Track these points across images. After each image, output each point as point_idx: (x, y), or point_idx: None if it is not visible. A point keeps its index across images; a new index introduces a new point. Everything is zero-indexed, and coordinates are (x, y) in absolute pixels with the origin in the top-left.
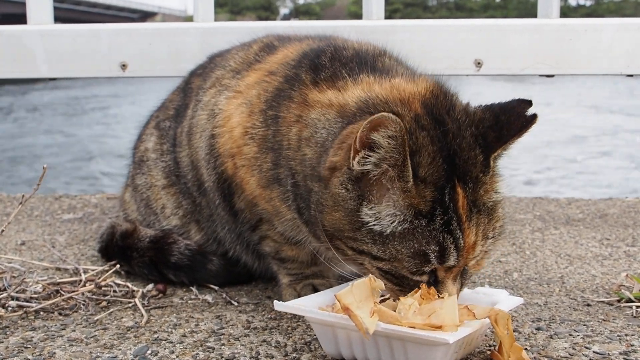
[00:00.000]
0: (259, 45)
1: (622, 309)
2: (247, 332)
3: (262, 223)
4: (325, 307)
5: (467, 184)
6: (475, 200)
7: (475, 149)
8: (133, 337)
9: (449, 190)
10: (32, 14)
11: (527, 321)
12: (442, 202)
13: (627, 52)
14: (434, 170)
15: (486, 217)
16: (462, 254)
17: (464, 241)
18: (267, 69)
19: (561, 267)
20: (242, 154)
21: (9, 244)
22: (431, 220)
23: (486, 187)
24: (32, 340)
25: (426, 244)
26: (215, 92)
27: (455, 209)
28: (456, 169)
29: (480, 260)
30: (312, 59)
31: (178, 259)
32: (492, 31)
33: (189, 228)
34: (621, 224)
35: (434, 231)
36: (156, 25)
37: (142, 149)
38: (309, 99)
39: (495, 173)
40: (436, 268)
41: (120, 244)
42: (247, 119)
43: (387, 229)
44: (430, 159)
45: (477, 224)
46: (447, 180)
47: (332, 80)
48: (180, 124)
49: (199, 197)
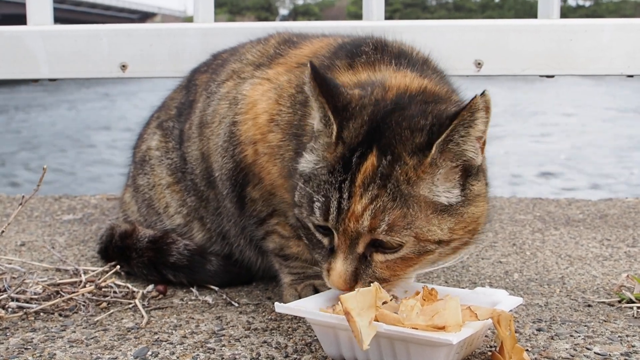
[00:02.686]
0: (277, 39)
1: (623, 310)
2: (248, 333)
3: (272, 216)
4: (326, 309)
5: (385, 156)
6: (386, 175)
7: (419, 131)
8: (133, 338)
9: (359, 153)
10: (32, 15)
11: (528, 322)
12: (347, 162)
13: (628, 53)
14: (355, 134)
15: (391, 197)
16: (342, 217)
17: (348, 204)
18: (295, 61)
19: (562, 267)
20: (266, 141)
21: (9, 244)
22: (330, 173)
23: (408, 168)
24: (33, 341)
25: (316, 192)
26: (234, 83)
27: (355, 171)
28: (381, 139)
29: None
30: (350, 50)
31: (177, 259)
32: (493, 32)
33: (191, 226)
34: (621, 224)
35: (326, 183)
36: (156, 26)
37: (144, 148)
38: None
39: (437, 165)
40: (332, 233)
41: (120, 244)
42: (274, 106)
43: (305, 170)
44: (358, 125)
45: (374, 196)
46: (362, 145)
47: (373, 64)
48: (186, 120)
49: (207, 191)
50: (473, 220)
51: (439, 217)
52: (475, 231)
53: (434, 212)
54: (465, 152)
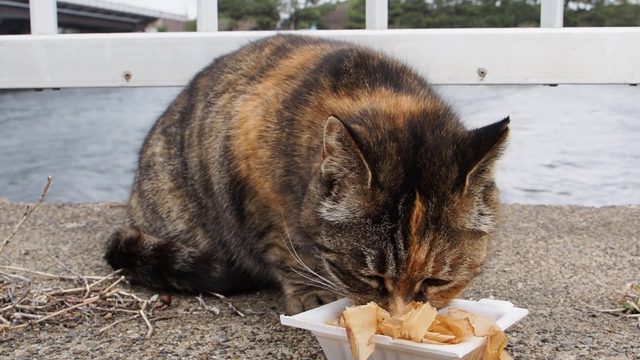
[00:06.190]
0: (271, 48)
1: (627, 320)
2: (253, 345)
3: (270, 230)
4: (331, 321)
5: (430, 198)
6: (436, 217)
7: (451, 165)
8: (139, 349)
9: (404, 199)
10: (36, 24)
11: (533, 332)
12: (393, 209)
13: (631, 61)
14: (393, 178)
15: (446, 239)
16: (403, 267)
17: (407, 254)
18: (284, 73)
19: (565, 276)
20: (256, 156)
21: (13, 253)
22: (377, 222)
23: (454, 206)
24: (38, 353)
25: (365, 245)
26: (230, 97)
27: (406, 218)
28: (420, 181)
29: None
30: (333, 64)
31: (181, 267)
32: (496, 40)
33: (195, 233)
34: (625, 232)
35: (376, 234)
36: (160, 35)
37: (149, 153)
38: (325, 105)
39: (472, 194)
40: (383, 277)
41: (125, 251)
42: (262, 122)
43: (337, 221)
44: (392, 166)
45: (431, 241)
46: (405, 189)
47: (351, 88)
48: (187, 126)
49: (205, 199)
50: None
51: (480, 241)
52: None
53: (477, 238)
54: (490, 175)
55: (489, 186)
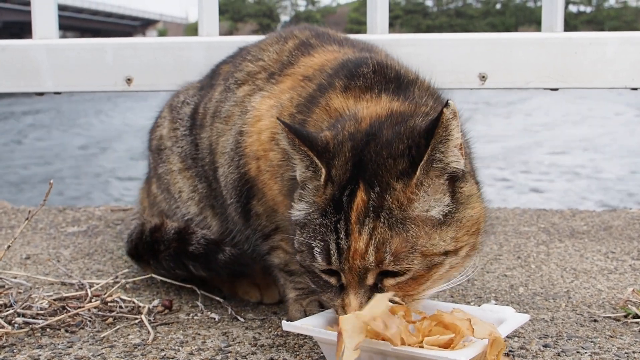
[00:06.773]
0: (294, 42)
1: (629, 325)
2: (254, 350)
3: (276, 233)
4: (332, 327)
5: (373, 188)
6: (378, 207)
7: (400, 157)
8: (140, 355)
9: (349, 191)
10: (37, 29)
11: (534, 337)
12: (338, 201)
13: (632, 66)
14: (342, 172)
15: (388, 227)
16: (345, 256)
17: (348, 243)
18: (302, 73)
19: (567, 281)
20: (267, 159)
21: (14, 258)
22: (323, 215)
23: (398, 194)
24: (40, 358)
25: (314, 238)
26: (249, 89)
27: (348, 209)
28: (365, 173)
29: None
30: (350, 69)
31: (195, 249)
32: (497, 45)
33: (206, 214)
34: (626, 236)
35: (321, 227)
36: (161, 39)
37: (158, 135)
38: (331, 105)
39: (424, 184)
40: (337, 271)
41: (149, 239)
42: (276, 124)
43: (298, 220)
44: (343, 162)
45: (371, 230)
46: (351, 181)
47: (362, 91)
48: (201, 102)
49: (215, 183)
50: (473, 223)
51: (439, 230)
52: (478, 232)
53: (433, 227)
54: (449, 164)
55: (458, 177)
